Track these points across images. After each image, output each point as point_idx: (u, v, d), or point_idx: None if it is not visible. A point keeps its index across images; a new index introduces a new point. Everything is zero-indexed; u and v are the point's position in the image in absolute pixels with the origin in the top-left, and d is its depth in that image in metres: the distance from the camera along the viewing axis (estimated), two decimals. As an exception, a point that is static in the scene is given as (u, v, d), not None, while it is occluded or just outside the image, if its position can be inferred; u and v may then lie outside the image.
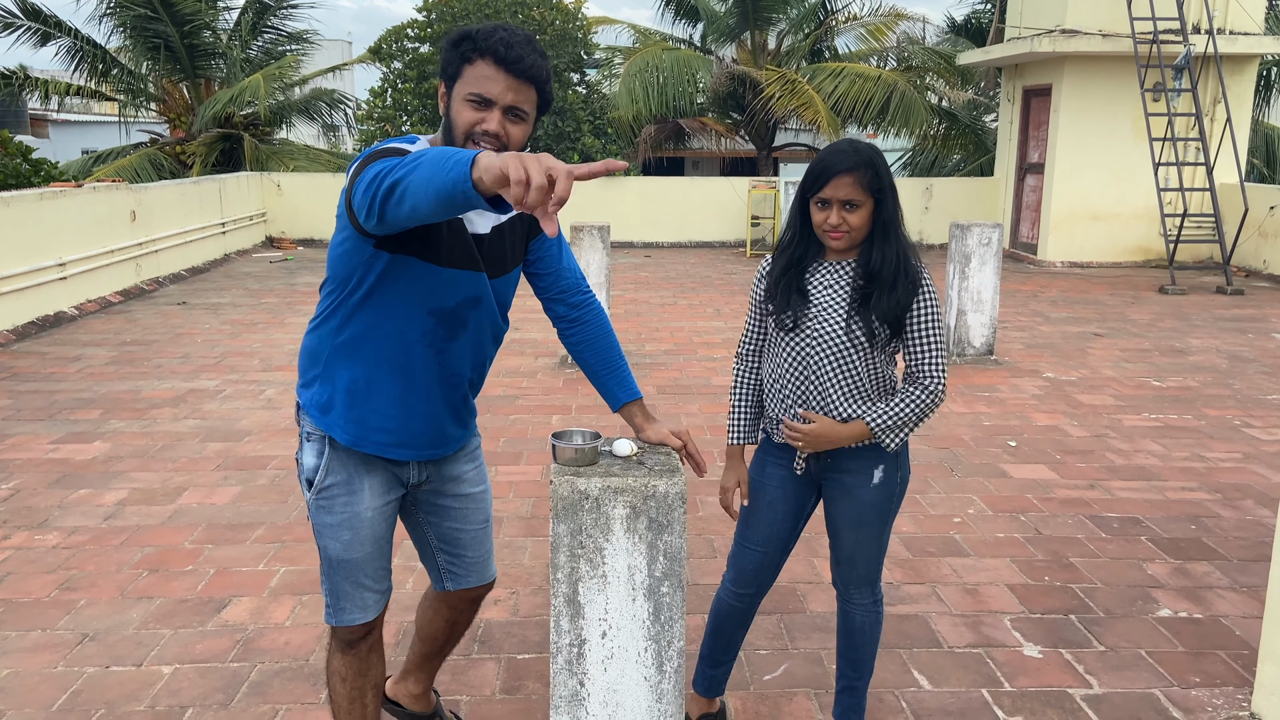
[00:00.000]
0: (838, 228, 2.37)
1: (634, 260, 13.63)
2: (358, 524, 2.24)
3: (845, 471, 2.52)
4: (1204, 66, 12.61)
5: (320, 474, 2.21)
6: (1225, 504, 4.72)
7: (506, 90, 1.96)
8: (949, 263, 7.68)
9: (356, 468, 2.22)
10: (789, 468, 2.56)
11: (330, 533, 2.25)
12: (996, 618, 3.58)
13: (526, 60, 1.95)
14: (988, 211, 15.00)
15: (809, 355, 2.44)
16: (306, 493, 2.25)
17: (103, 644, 3.35)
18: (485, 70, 1.95)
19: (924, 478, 5.03)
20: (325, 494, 2.23)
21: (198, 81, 16.59)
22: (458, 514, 2.42)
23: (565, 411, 6.16)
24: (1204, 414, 6.25)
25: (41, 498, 4.68)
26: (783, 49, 18.38)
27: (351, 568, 2.27)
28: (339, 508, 2.23)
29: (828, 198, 2.37)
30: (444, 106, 2.05)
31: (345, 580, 2.28)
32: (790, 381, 2.48)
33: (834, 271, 2.46)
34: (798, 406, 2.48)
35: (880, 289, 2.38)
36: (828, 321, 2.42)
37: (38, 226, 8.86)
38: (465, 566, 2.49)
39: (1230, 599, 3.74)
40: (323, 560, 2.30)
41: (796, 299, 2.44)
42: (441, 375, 2.19)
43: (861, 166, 2.33)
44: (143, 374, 7.04)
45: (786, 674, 3.20)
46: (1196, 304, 10.47)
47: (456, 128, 2.00)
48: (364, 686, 2.41)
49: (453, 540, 2.45)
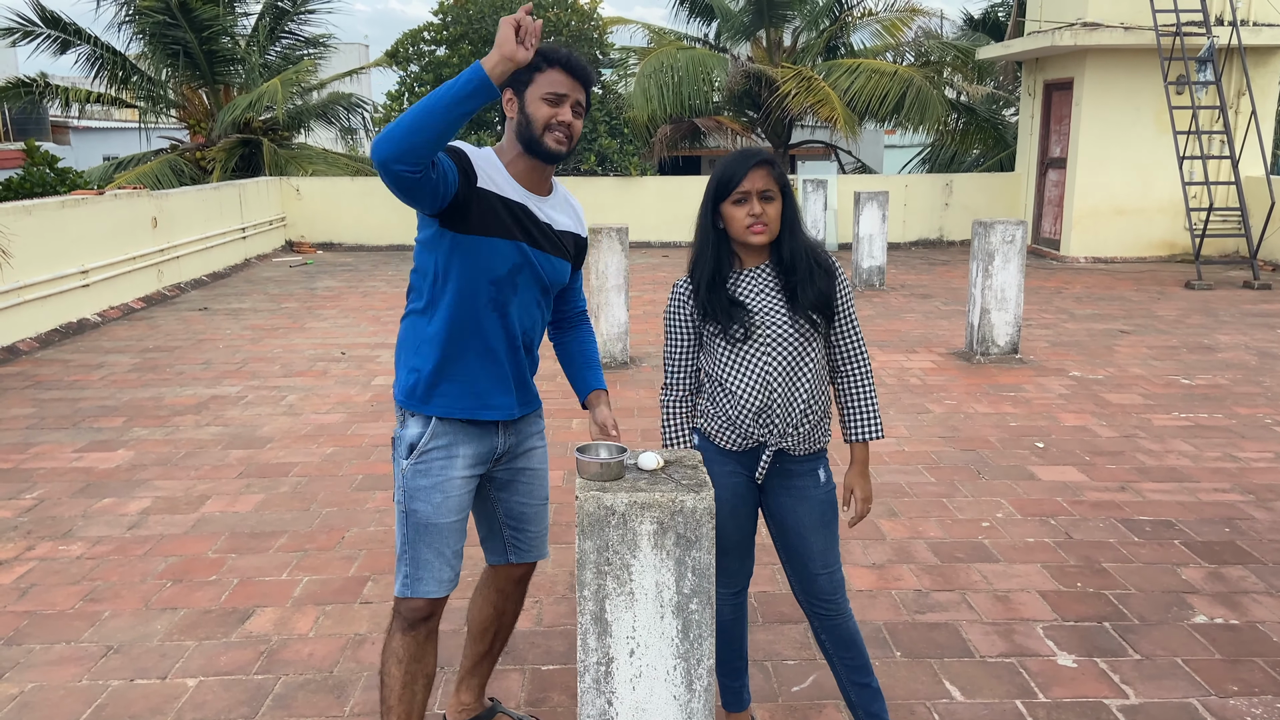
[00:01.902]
0: (760, 218, 2.43)
1: (652, 260, 13.59)
2: (449, 488, 2.48)
3: (794, 476, 2.55)
4: (1228, 58, 12.44)
5: (426, 438, 2.47)
6: (1259, 505, 4.63)
7: (573, 89, 2.44)
8: (971, 260, 7.60)
9: (457, 435, 2.49)
10: (741, 475, 2.56)
11: (423, 495, 2.47)
12: (1029, 626, 3.51)
13: (585, 69, 2.47)
14: (1009, 207, 14.86)
15: (770, 359, 2.46)
16: (403, 461, 2.49)
17: (127, 656, 3.34)
18: (556, 76, 2.42)
19: (951, 481, 4.96)
20: (425, 458, 2.47)
21: (217, 87, 16.66)
22: (525, 489, 2.70)
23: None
24: (1235, 412, 6.15)
25: (65, 507, 4.69)
26: (798, 46, 18.28)
27: (437, 534, 2.48)
28: (435, 470, 2.47)
29: (746, 190, 2.44)
30: (512, 107, 2.47)
31: (428, 548, 2.48)
32: (755, 389, 2.47)
33: (756, 277, 2.52)
34: (765, 412, 2.47)
35: (800, 281, 2.47)
36: (775, 324, 2.47)
37: (60, 234, 8.91)
38: (528, 541, 2.74)
39: (1267, 604, 3.66)
40: (407, 530, 2.49)
41: (736, 310, 2.47)
42: (507, 338, 2.50)
43: (769, 161, 2.47)
44: (165, 380, 7.06)
45: (815, 685, 3.15)
46: (1223, 299, 10.33)
47: (535, 121, 2.41)
48: (417, 673, 2.54)
49: (519, 515, 2.71)
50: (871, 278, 11.05)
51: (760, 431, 2.49)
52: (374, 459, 5.33)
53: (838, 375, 2.60)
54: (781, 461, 2.54)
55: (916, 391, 6.68)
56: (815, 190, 12.79)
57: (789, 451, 2.52)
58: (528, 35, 2.15)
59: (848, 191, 14.69)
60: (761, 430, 2.49)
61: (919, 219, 14.96)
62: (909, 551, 4.15)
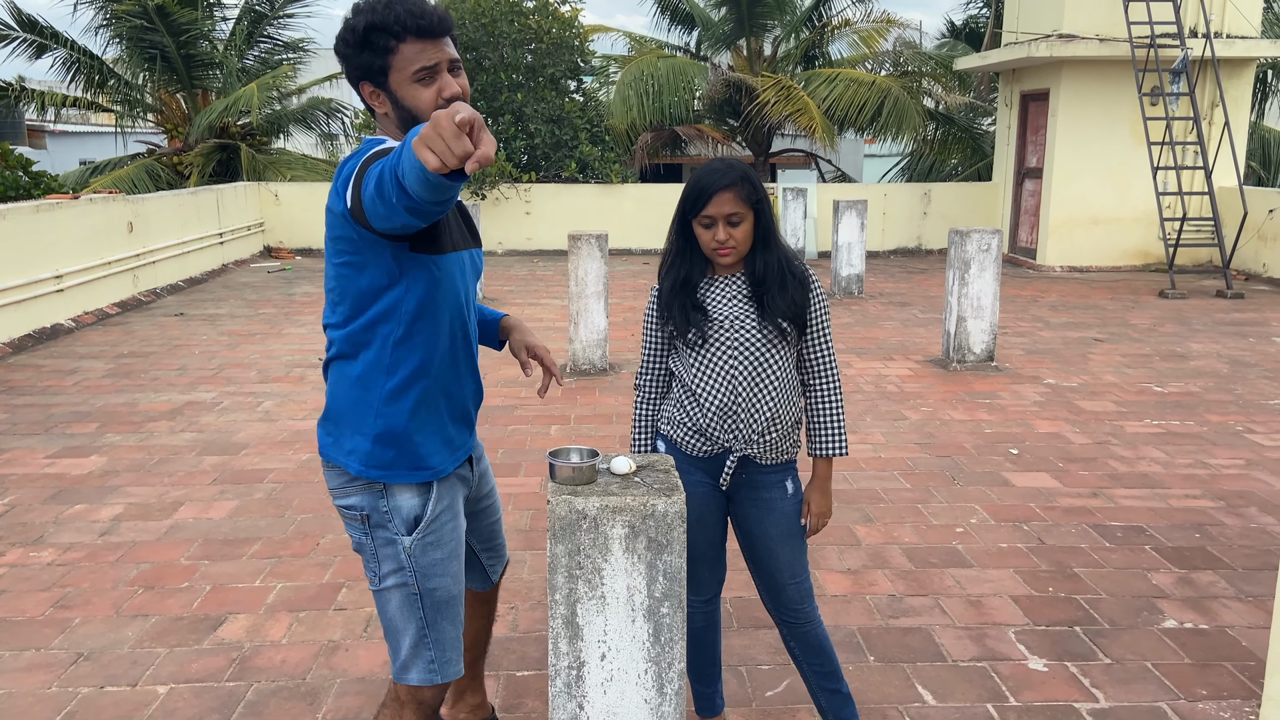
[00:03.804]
0: (725, 244, 2.42)
1: (632, 268, 13.60)
2: (459, 549, 2.22)
3: (761, 487, 2.55)
4: (1201, 70, 12.61)
5: (431, 507, 2.15)
6: (1229, 511, 4.69)
7: (439, 50, 2.03)
8: (948, 269, 7.65)
9: (451, 488, 2.23)
10: (707, 483, 2.56)
11: (441, 569, 2.16)
12: (1001, 630, 3.54)
13: (437, 16, 2.02)
14: (986, 216, 14.98)
15: (734, 366, 2.46)
16: (404, 539, 2.12)
17: (97, 663, 3.31)
18: (413, 47, 2.00)
19: (925, 487, 4.99)
20: (435, 525, 2.16)
21: (194, 92, 16.56)
22: (490, 509, 2.53)
23: (564, 421, 6.12)
24: (1206, 420, 6.22)
25: (37, 513, 4.64)
26: (778, 55, 18.38)
27: (456, 605, 2.21)
28: (447, 536, 2.18)
29: (712, 215, 2.40)
30: (384, 102, 2.07)
31: (451, 624, 2.20)
32: (718, 393, 2.47)
33: (728, 284, 2.51)
34: (728, 415, 2.47)
35: (770, 291, 2.46)
36: (742, 330, 2.46)
37: (34, 238, 8.83)
38: (497, 552, 2.61)
39: (1236, 609, 3.71)
40: (421, 612, 2.15)
41: (696, 315, 2.47)
42: (470, 366, 2.24)
43: (739, 182, 2.40)
44: (139, 386, 7.01)
45: (789, 690, 3.16)
46: (1197, 308, 10.45)
47: (420, 108, 2.03)
48: None
49: (490, 535, 2.55)
50: (850, 286, 11.11)
51: (725, 436, 2.49)
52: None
53: (806, 389, 2.60)
54: (749, 472, 2.54)
55: (893, 398, 6.72)
56: (795, 199, 12.85)
57: (756, 460, 2.52)
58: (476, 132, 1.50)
59: (827, 200, 14.76)
60: (726, 435, 2.49)
61: (898, 227, 15.05)
62: (883, 556, 4.17)
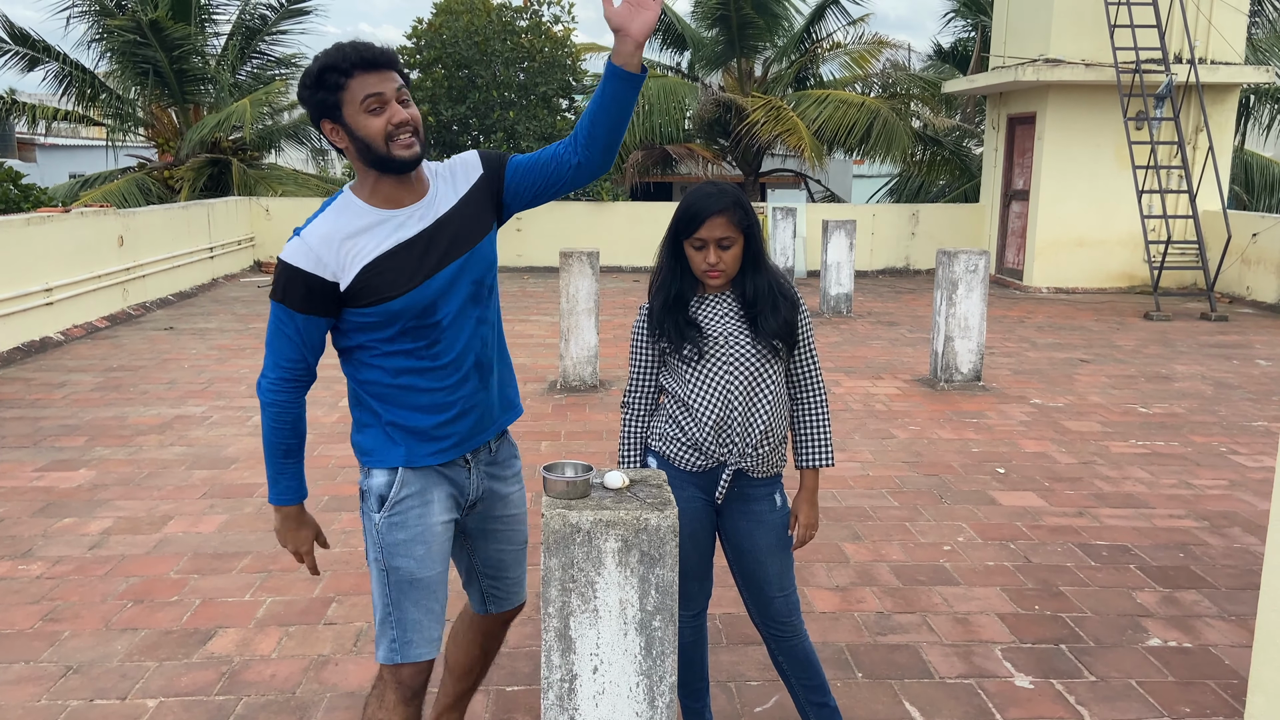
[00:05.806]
0: (715, 266, 2.48)
1: (622, 285, 13.65)
2: (430, 537, 2.31)
3: (751, 500, 2.59)
4: (1186, 95, 12.77)
5: (395, 487, 2.28)
6: (1213, 532, 4.74)
7: (384, 81, 2.16)
8: (935, 289, 7.72)
9: (427, 479, 2.31)
10: (700, 500, 2.58)
11: (404, 550, 2.28)
12: (987, 648, 3.57)
13: (380, 51, 2.17)
14: (973, 238, 15.11)
15: (730, 381, 2.50)
16: (375, 515, 2.29)
17: (87, 676, 3.30)
18: (360, 81, 2.14)
19: (913, 505, 5.03)
20: (399, 507, 2.28)
21: (186, 106, 16.58)
22: (503, 535, 2.53)
23: (555, 438, 6.14)
24: (1190, 441, 6.28)
25: (25, 526, 4.63)
26: (769, 76, 18.54)
27: (424, 590, 2.30)
28: (412, 521, 2.29)
29: (704, 238, 2.46)
30: (342, 136, 2.19)
31: (416, 606, 2.30)
32: (714, 408, 2.51)
33: (720, 302, 2.56)
34: (724, 429, 2.51)
35: (763, 312, 2.51)
36: (736, 346, 2.51)
37: (24, 252, 8.82)
38: (505, 588, 2.58)
39: (1219, 628, 3.75)
40: (388, 589, 2.29)
41: (691, 331, 2.51)
42: (479, 366, 2.34)
43: (731, 207, 2.45)
44: (129, 400, 7.00)
45: (777, 706, 3.18)
46: (1181, 330, 10.55)
47: (373, 139, 2.15)
48: None
49: (496, 563, 2.54)
50: (839, 305, 11.18)
51: (720, 450, 2.53)
52: (340, 480, 5.31)
53: (794, 403, 2.65)
54: (740, 485, 2.57)
55: (881, 417, 6.76)
56: (785, 218, 12.94)
57: (748, 473, 2.56)
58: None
59: (816, 220, 14.87)
60: (722, 449, 2.53)
61: (886, 248, 15.16)
62: (871, 574, 4.20)
